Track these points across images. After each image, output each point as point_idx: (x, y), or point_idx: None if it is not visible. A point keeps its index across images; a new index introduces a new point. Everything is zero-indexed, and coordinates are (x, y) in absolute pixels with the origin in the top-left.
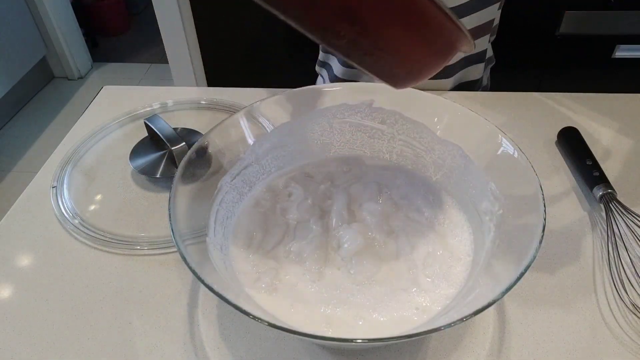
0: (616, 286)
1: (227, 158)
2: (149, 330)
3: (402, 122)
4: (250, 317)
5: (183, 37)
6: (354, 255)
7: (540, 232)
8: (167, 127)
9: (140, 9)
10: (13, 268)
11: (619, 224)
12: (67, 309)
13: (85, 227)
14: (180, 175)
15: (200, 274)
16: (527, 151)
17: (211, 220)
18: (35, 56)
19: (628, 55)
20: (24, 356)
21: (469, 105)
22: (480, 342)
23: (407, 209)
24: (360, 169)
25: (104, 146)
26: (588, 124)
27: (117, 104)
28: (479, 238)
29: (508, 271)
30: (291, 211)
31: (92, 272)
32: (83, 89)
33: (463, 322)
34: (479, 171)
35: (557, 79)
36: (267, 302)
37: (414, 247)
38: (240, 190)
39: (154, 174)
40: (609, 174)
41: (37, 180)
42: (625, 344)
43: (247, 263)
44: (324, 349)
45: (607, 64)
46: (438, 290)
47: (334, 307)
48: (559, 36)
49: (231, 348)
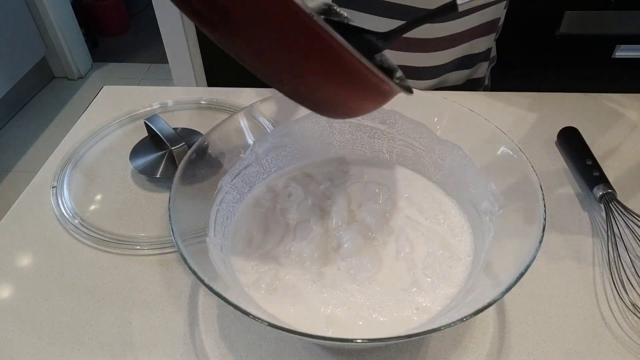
0: (616, 286)
1: (227, 158)
2: (149, 330)
3: (402, 122)
4: (250, 317)
5: (183, 37)
6: (354, 255)
7: (540, 232)
8: (167, 127)
9: (140, 9)
10: (13, 268)
11: (619, 224)
12: (67, 309)
13: (85, 227)
14: (180, 175)
15: (200, 274)
16: (527, 151)
17: (211, 220)
18: (35, 56)
19: (628, 55)
20: (24, 356)
21: (469, 105)
22: (480, 342)
23: (407, 209)
24: (360, 169)
25: (104, 146)
26: (588, 124)
27: (117, 104)
28: (479, 238)
29: (508, 271)
30: (291, 211)
31: (92, 272)
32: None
33: (463, 322)
34: (479, 171)
35: (557, 79)
36: (267, 302)
37: (414, 247)
38: (240, 190)
39: (154, 174)
40: (609, 174)
41: (37, 180)
42: (625, 344)
43: (247, 263)
44: (324, 349)
45: (607, 64)
46: (438, 290)
47: (334, 307)
48: (559, 36)
49: (231, 348)
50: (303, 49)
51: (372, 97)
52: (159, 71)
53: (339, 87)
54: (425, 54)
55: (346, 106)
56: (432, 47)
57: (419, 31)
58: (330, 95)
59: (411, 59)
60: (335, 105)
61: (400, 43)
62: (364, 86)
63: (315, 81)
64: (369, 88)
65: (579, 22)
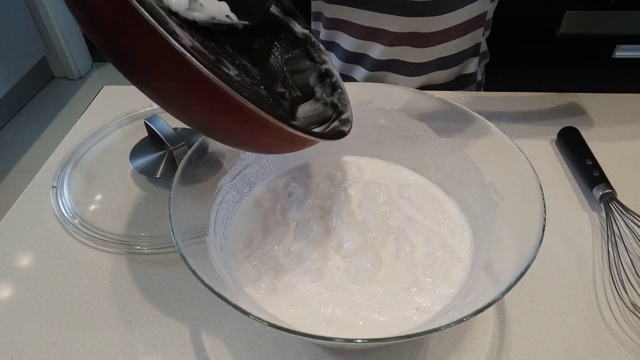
0: (616, 286)
1: (227, 158)
2: (149, 331)
3: (403, 122)
4: (251, 317)
5: None
6: (354, 255)
7: (540, 232)
8: (167, 127)
9: None
10: (13, 268)
11: (619, 224)
12: (67, 309)
13: (85, 227)
14: (180, 175)
15: (200, 274)
16: (527, 151)
17: (211, 220)
18: (35, 56)
19: (628, 55)
20: (24, 356)
21: (468, 105)
22: (480, 342)
23: (407, 209)
24: (360, 169)
25: (104, 146)
26: (588, 124)
27: (117, 104)
28: (479, 238)
29: (508, 271)
30: (291, 211)
31: (92, 272)
32: (83, 89)
33: (463, 322)
34: (479, 171)
35: (557, 79)
36: (267, 302)
37: (414, 247)
38: (240, 190)
39: (154, 174)
40: (609, 174)
41: (37, 180)
42: (625, 344)
43: (247, 263)
44: (324, 349)
45: (607, 64)
46: (438, 290)
47: (334, 307)
48: (559, 36)
49: (231, 348)
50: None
51: (291, 145)
52: None
53: (232, 127)
54: (418, 49)
55: (271, 150)
56: (424, 42)
57: (411, 26)
58: (221, 131)
59: (403, 54)
60: (257, 149)
61: (392, 39)
62: (278, 138)
63: (199, 115)
64: (284, 139)
65: (579, 22)
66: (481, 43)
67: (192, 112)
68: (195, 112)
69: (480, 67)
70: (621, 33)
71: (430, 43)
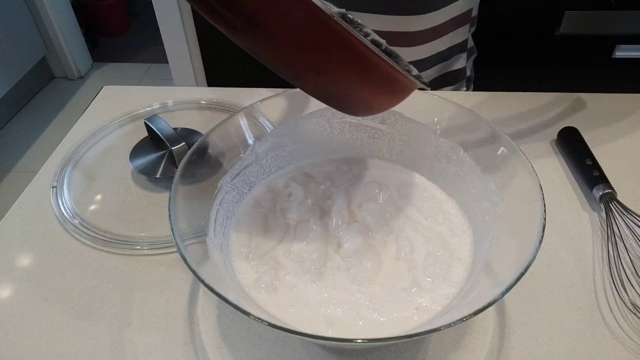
0: (616, 286)
1: (227, 158)
2: (149, 331)
3: (402, 122)
4: (250, 317)
5: (183, 37)
6: (354, 255)
7: (540, 232)
8: (167, 127)
9: (140, 9)
10: (13, 268)
11: (619, 224)
12: (67, 309)
13: (85, 227)
14: (180, 175)
15: (200, 274)
16: (527, 151)
17: (211, 220)
18: (35, 56)
19: (628, 55)
20: (23, 356)
21: (468, 105)
22: (480, 342)
23: (407, 209)
24: (360, 169)
25: (104, 146)
26: (588, 124)
27: (117, 104)
28: (479, 238)
29: (508, 271)
30: (291, 211)
31: (92, 272)
32: (83, 89)
33: (463, 322)
34: (479, 171)
35: (557, 78)
36: (267, 302)
37: (414, 247)
38: (240, 190)
39: (154, 174)
40: (609, 174)
41: (37, 180)
42: (625, 344)
43: (247, 263)
44: (324, 349)
45: (607, 64)
46: (438, 290)
47: (334, 307)
48: (559, 36)
49: (231, 348)
50: (328, 49)
51: (393, 92)
52: (159, 71)
53: (363, 84)
54: (408, 48)
55: (369, 102)
56: (411, 41)
57: (401, 25)
58: (354, 92)
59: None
60: (358, 101)
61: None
62: (386, 81)
63: (339, 79)
64: (390, 83)
65: (579, 22)
66: (468, 39)
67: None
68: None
69: (469, 62)
70: (621, 33)
71: (418, 41)
